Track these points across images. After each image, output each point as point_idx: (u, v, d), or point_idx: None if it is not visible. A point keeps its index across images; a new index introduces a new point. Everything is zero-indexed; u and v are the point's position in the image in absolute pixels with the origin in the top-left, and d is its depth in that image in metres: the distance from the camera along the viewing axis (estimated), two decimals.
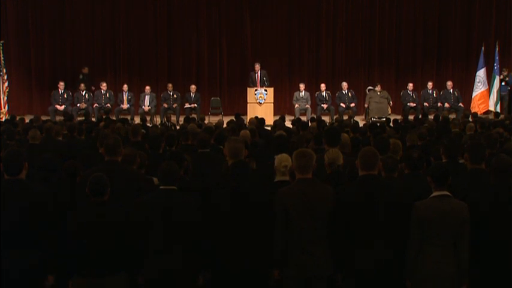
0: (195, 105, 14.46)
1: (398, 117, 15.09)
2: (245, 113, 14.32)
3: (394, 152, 5.54)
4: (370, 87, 15.23)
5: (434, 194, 4.03)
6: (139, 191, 4.40)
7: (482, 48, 14.60)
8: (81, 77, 14.96)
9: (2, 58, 14.24)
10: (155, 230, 3.97)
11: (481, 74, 14.57)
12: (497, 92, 14.39)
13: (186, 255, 3.99)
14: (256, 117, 10.91)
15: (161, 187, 4.12)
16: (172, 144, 6.64)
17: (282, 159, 4.74)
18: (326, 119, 14.79)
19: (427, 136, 7.50)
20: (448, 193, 4.02)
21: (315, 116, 13.16)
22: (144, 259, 3.99)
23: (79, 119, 14.35)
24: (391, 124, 11.11)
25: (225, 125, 10.41)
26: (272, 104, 13.99)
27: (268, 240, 4.10)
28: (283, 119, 11.57)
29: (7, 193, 3.97)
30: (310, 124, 10.30)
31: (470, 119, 11.32)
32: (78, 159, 5.16)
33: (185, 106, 14.42)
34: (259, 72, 14.22)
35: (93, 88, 15.03)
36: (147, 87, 14.61)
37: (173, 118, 14.19)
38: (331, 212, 4.09)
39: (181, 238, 3.99)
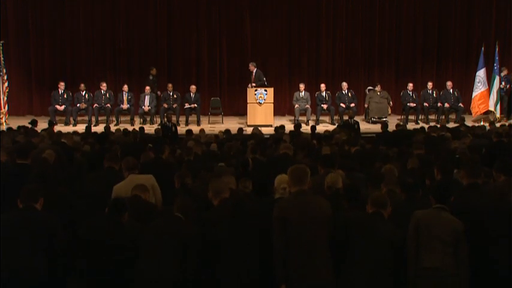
0: (195, 105, 14.59)
1: (398, 117, 15.35)
2: (245, 113, 14.49)
3: (389, 182, 5.50)
4: (370, 88, 15.31)
5: (434, 206, 4.33)
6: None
7: (482, 48, 14.67)
8: (151, 77, 14.92)
9: (2, 58, 14.29)
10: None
11: (481, 74, 14.61)
12: (497, 92, 14.46)
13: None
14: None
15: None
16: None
17: (282, 181, 4.82)
18: (326, 119, 14.98)
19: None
20: (445, 207, 4.31)
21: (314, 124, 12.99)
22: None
23: (79, 118, 14.57)
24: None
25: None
26: (272, 104, 14.05)
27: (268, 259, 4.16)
28: (282, 128, 11.45)
29: (20, 222, 4.25)
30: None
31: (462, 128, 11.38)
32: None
33: (185, 106, 14.53)
34: (254, 72, 14.36)
35: (159, 93, 14.90)
36: (147, 88, 14.64)
37: (173, 118, 14.27)
38: (330, 222, 4.15)
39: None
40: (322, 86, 14.88)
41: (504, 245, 4.39)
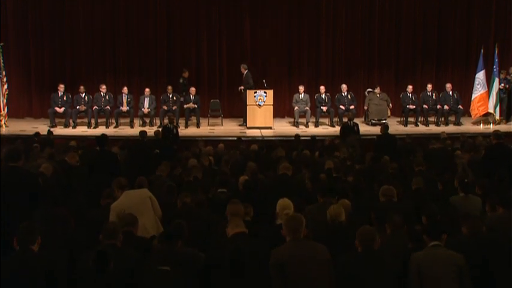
0: (195, 106, 14.63)
1: (398, 119, 15.40)
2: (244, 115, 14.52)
3: (388, 199, 5.46)
4: (369, 89, 15.30)
5: (430, 244, 4.33)
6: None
7: (482, 50, 14.71)
8: (181, 80, 14.84)
9: (1, 60, 14.29)
10: None
11: (480, 76, 14.62)
12: (496, 94, 14.49)
13: None
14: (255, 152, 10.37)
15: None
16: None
17: (284, 206, 4.88)
18: (325, 121, 15.00)
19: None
20: (440, 243, 4.32)
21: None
22: None
23: (79, 120, 14.63)
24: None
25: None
26: (272, 106, 14.05)
27: None
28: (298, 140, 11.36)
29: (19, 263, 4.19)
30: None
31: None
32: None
33: (185, 106, 14.56)
34: (244, 74, 14.38)
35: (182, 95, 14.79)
36: (147, 90, 14.67)
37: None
38: (330, 266, 4.12)
39: None
40: (322, 88, 14.89)
41: (505, 278, 4.44)
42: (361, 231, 4.21)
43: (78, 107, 14.43)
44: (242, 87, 14.31)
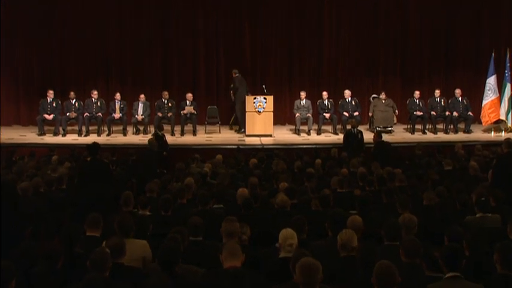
0: (194, 111, 14.26)
1: (405, 126, 15.04)
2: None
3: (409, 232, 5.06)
4: (374, 95, 15.07)
5: (447, 275, 4.00)
6: None
7: (493, 54, 14.42)
8: (231, 86, 14.64)
9: None
10: None
11: (491, 81, 14.36)
12: (508, 100, 14.18)
13: None
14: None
15: None
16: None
17: (288, 236, 4.59)
18: (328, 128, 14.68)
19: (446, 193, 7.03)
20: (459, 274, 3.98)
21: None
22: None
23: (69, 128, 14.24)
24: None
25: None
26: (272, 113, 13.84)
27: None
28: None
29: None
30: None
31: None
32: None
33: (182, 112, 14.26)
34: (234, 77, 14.23)
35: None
36: (142, 96, 14.46)
37: (167, 128, 13.97)
38: None
39: None
40: (324, 94, 14.64)
41: None
42: (379, 269, 3.79)
43: (68, 114, 14.16)
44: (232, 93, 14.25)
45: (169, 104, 14.40)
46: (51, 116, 14.03)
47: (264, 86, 14.19)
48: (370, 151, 11.27)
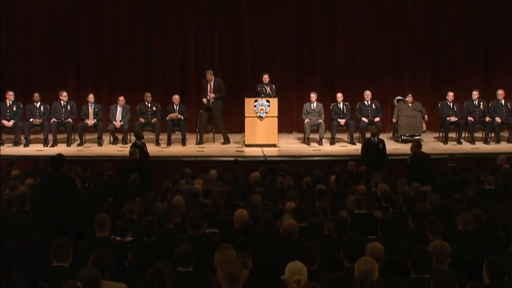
0: (181, 116, 14.29)
1: (436, 134, 15.06)
2: (242, 130, 14.33)
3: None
4: (399, 97, 15.17)
5: None
6: None
7: None
8: (258, 89, 14.55)
9: None
10: None
11: None
12: None
13: None
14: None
15: None
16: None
17: (295, 271, 4.62)
18: (343, 137, 14.72)
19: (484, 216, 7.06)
20: None
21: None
22: None
23: (33, 137, 14.28)
24: None
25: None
26: (276, 119, 13.87)
27: None
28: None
29: None
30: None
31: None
32: None
33: (168, 117, 14.33)
34: (212, 82, 14.32)
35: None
36: (121, 98, 14.58)
37: (151, 136, 14.01)
38: None
39: None
40: (339, 96, 14.71)
41: None
42: None
43: (31, 120, 14.21)
44: (213, 95, 14.24)
45: (154, 108, 14.50)
46: (11, 123, 14.10)
47: (264, 86, 14.28)
48: (406, 165, 11.26)
